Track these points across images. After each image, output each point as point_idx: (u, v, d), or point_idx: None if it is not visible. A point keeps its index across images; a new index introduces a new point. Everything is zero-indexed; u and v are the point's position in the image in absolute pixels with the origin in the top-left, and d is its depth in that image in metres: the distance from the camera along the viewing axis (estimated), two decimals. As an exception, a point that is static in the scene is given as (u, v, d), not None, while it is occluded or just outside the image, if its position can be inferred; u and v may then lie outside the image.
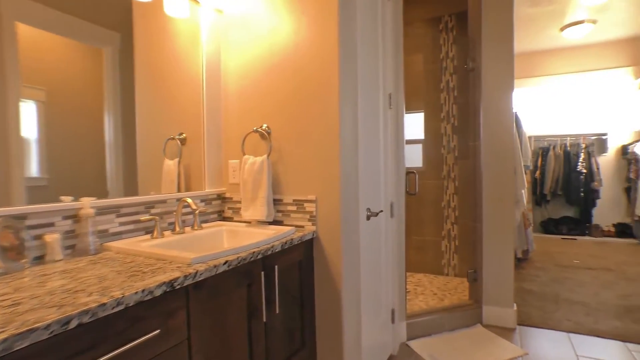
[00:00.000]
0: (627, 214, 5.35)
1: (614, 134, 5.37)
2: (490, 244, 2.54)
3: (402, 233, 2.25)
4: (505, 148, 2.51)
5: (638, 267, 3.94)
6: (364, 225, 1.77)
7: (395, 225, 2.18)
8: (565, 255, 4.45)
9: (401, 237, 2.24)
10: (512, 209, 2.52)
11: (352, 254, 1.63)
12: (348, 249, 1.59)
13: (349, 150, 1.61)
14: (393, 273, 2.19)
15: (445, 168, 3.51)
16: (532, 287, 3.32)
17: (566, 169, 5.37)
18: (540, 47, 5.48)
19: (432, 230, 3.63)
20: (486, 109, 2.54)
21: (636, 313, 2.75)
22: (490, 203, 2.52)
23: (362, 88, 1.74)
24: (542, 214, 5.76)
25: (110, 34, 1.42)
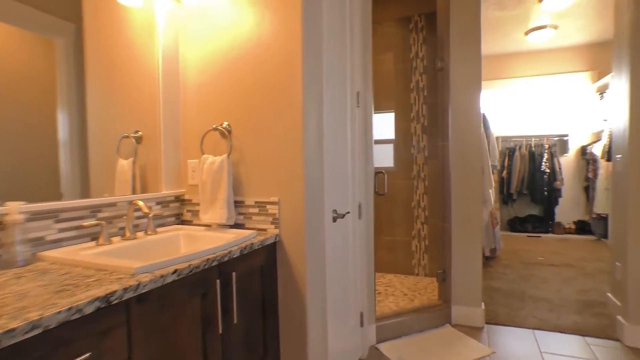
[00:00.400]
0: (586, 212, 5.57)
1: (574, 135, 5.57)
2: (459, 244, 2.55)
3: (371, 234, 2.21)
4: (473, 148, 2.52)
5: (596, 262, 4.09)
6: (330, 227, 1.71)
7: (363, 227, 2.13)
8: (531, 253, 4.57)
9: (370, 238, 2.20)
10: (479, 208, 2.54)
11: (317, 258, 1.56)
12: (312, 253, 1.52)
13: (313, 150, 1.54)
14: (362, 275, 2.14)
15: (415, 168, 3.52)
16: (500, 285, 3.37)
17: (531, 169, 5.53)
18: (506, 50, 5.62)
19: (403, 230, 3.62)
20: (454, 108, 2.54)
21: (594, 307, 2.84)
22: (459, 203, 2.53)
23: (328, 85, 1.68)
24: (509, 213, 5.91)
25: (64, 24, 1.30)
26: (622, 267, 2.56)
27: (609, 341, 2.38)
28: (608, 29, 4.88)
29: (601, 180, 4.95)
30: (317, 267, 1.57)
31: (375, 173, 2.31)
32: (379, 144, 3.80)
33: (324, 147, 1.61)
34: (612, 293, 2.75)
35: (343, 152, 1.90)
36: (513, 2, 3.98)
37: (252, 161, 1.57)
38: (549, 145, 5.50)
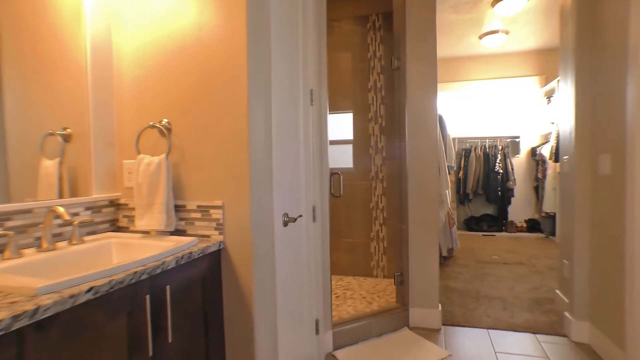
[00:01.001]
0: (536, 211, 5.82)
1: (525, 136, 5.81)
2: (416, 246, 2.53)
3: (327, 238, 2.13)
4: (429, 148, 2.51)
5: (545, 260, 4.27)
6: (281, 232, 1.61)
7: (318, 230, 2.05)
8: (486, 252, 4.70)
9: (325, 242, 2.13)
10: (436, 209, 2.53)
11: (265, 265, 1.46)
12: (261, 260, 1.42)
13: (260, 150, 1.44)
14: (317, 281, 2.06)
15: (373, 169, 3.49)
16: (456, 285, 3.41)
17: (486, 170, 5.71)
18: (462, 53, 5.77)
19: (362, 231, 3.59)
20: (411, 108, 2.52)
21: (544, 304, 2.93)
22: (416, 204, 2.51)
23: (277, 82, 1.58)
24: (465, 212, 6.07)
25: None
26: (569, 265, 2.65)
27: (557, 337, 2.45)
28: (554, 36, 5.13)
29: (549, 181, 5.19)
30: (266, 274, 1.47)
31: (330, 174, 2.24)
32: (337, 145, 3.75)
33: (273, 147, 1.51)
34: (560, 290, 2.84)
35: (295, 152, 1.81)
36: (467, 6, 4.07)
37: (194, 162, 1.44)
38: (502, 146, 5.70)
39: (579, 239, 2.38)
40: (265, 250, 1.46)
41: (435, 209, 2.54)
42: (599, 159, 2.20)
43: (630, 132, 1.87)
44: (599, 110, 2.24)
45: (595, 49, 2.27)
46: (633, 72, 1.85)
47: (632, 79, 1.85)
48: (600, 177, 2.21)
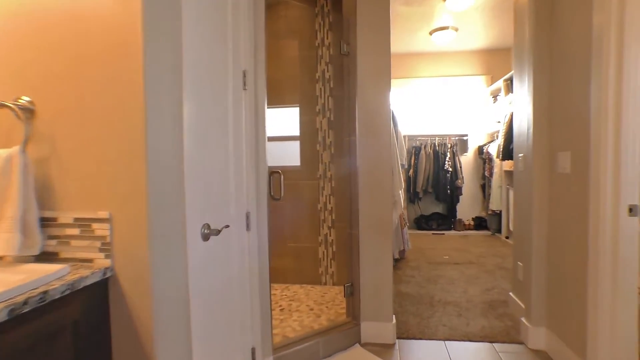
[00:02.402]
0: (482, 209, 5.88)
1: (472, 135, 5.84)
2: (368, 253, 2.27)
3: (265, 248, 1.79)
4: (383, 145, 2.26)
5: (494, 258, 4.24)
6: (200, 248, 1.25)
7: (254, 240, 1.70)
8: (436, 251, 4.60)
9: (263, 254, 1.78)
10: (389, 212, 2.29)
11: (173, 294, 1.09)
12: (165, 289, 1.05)
13: (166, 143, 1.07)
14: (254, 300, 1.71)
15: (321, 167, 3.20)
16: (409, 290, 3.22)
17: (435, 168, 5.65)
18: (412, 49, 5.66)
19: (309, 235, 3.28)
20: (362, 100, 2.25)
21: (498, 308, 2.81)
22: (367, 206, 2.24)
23: (191, 57, 1.22)
24: (415, 211, 6.00)
25: None
26: (524, 268, 2.52)
27: (514, 345, 2.30)
28: (500, 36, 5.16)
29: (496, 179, 5.22)
30: (175, 307, 1.10)
31: (270, 173, 1.90)
32: (283, 141, 3.42)
33: (185, 141, 1.15)
34: (514, 293, 2.73)
35: (222, 147, 1.45)
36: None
37: (70, 159, 1.03)
38: (451, 144, 5.68)
39: (537, 241, 2.24)
40: (173, 275, 1.09)
41: (389, 211, 2.29)
42: (558, 157, 2.07)
43: (595, 131, 1.72)
44: (557, 108, 2.10)
45: (552, 47, 2.14)
46: (596, 70, 1.70)
47: (595, 77, 1.71)
48: (559, 176, 2.08)
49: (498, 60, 5.69)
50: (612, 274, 1.70)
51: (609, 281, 1.70)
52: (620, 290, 1.69)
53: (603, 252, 1.70)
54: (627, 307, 1.70)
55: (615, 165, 1.66)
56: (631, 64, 1.62)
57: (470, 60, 5.80)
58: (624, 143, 1.65)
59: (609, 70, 1.65)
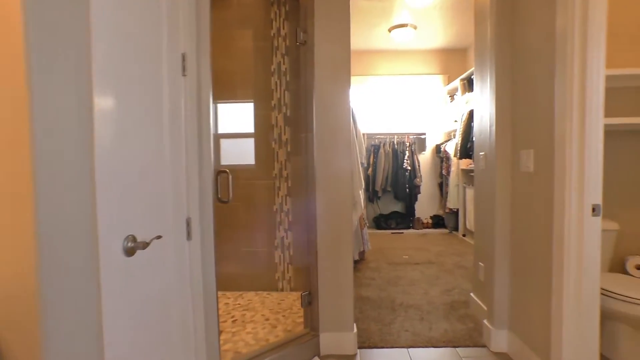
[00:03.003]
0: (440, 207, 5.93)
1: (430, 134, 5.87)
2: (327, 260, 2.10)
3: (211, 259, 1.56)
4: (342, 142, 2.10)
5: (453, 257, 4.24)
6: (122, 265, 1.01)
7: (196, 250, 1.47)
8: (396, 251, 4.54)
9: (209, 265, 1.55)
10: (349, 214, 2.13)
11: (78, 337, 0.85)
12: (65, 330, 0.81)
13: (63, 143, 0.82)
14: (197, 318, 1.48)
15: (277, 165, 2.99)
16: (369, 294, 3.10)
17: (394, 166, 5.62)
18: (371, 46, 5.58)
19: (264, 239, 3.07)
20: (319, 94, 2.07)
21: (459, 309, 2.75)
22: (326, 208, 2.07)
23: (106, 33, 0.98)
24: (374, 210, 5.94)
25: None
26: (485, 268, 2.47)
27: (477, 349, 2.24)
28: (457, 36, 5.20)
29: (453, 177, 5.27)
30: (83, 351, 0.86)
31: (217, 173, 1.67)
32: (238, 138, 3.18)
33: (95, 140, 0.91)
34: (476, 294, 2.68)
35: (152, 145, 1.22)
36: (378, -9, 3.81)
37: None
38: (409, 143, 5.66)
39: (499, 241, 2.18)
40: (77, 308, 0.85)
41: (349, 213, 2.13)
42: (521, 155, 2.01)
43: (559, 129, 1.66)
44: (520, 107, 2.05)
45: (514, 45, 2.09)
46: (561, 69, 1.64)
47: (560, 76, 1.65)
48: (522, 175, 2.02)
49: (455, 60, 5.76)
50: (576, 275, 1.64)
51: (573, 282, 1.65)
52: (584, 291, 1.64)
53: (568, 253, 1.64)
54: (591, 309, 1.66)
55: (579, 164, 1.61)
56: (594, 64, 1.57)
57: (428, 59, 5.82)
58: (587, 142, 1.59)
59: (573, 69, 1.59)
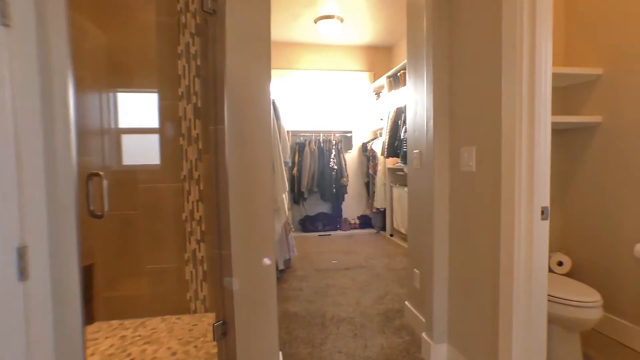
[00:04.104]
0: (367, 207, 5.84)
1: (357, 132, 5.74)
2: (244, 279, 1.71)
3: (75, 304, 1.09)
4: (261, 137, 1.72)
5: (382, 259, 4.10)
6: None
7: (42, 293, 0.99)
8: (324, 255, 4.29)
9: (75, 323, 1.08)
10: (271, 222, 1.77)
11: None
12: None
13: None
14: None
15: (186, 165, 2.52)
16: (297, 309, 2.77)
17: (320, 166, 5.37)
18: (296, 38, 5.27)
19: (173, 253, 2.57)
20: (233, 75, 1.68)
21: (394, 320, 2.55)
22: (241, 217, 1.68)
23: None
24: (300, 212, 5.64)
25: None
26: (421, 275, 2.29)
27: (416, 366, 2.03)
28: (383, 33, 5.12)
29: (380, 176, 5.18)
30: None
31: (87, 177, 1.20)
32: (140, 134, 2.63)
33: None
34: (411, 302, 2.50)
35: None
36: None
37: None
38: (335, 141, 5.46)
39: (438, 247, 1.99)
40: None
41: (270, 221, 1.77)
42: (461, 153, 1.83)
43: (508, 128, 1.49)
44: (459, 103, 1.87)
45: (453, 38, 1.91)
46: (509, 64, 1.47)
47: (508, 71, 1.48)
48: (462, 174, 1.84)
49: (380, 57, 5.70)
50: (526, 282, 1.49)
51: (523, 290, 1.49)
52: (534, 298, 1.49)
53: (518, 259, 1.48)
54: (540, 316, 1.52)
55: (528, 165, 1.45)
56: (543, 60, 1.42)
57: (354, 55, 5.68)
58: (537, 141, 1.44)
59: (522, 65, 1.42)
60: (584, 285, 2.02)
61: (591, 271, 2.41)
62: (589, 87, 2.37)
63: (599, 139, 2.34)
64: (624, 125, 2.19)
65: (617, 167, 2.23)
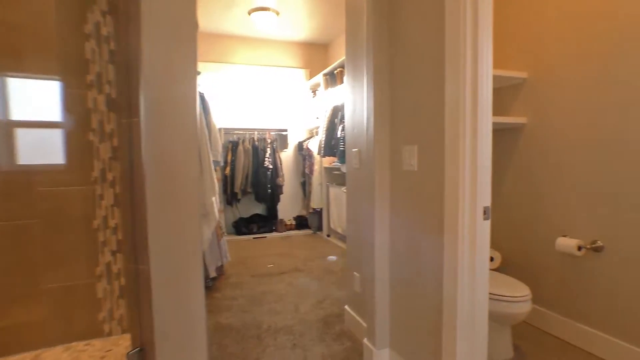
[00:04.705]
0: (303, 207, 5.73)
1: (292, 130, 5.60)
2: (166, 297, 1.48)
3: None
4: (185, 133, 1.51)
5: (319, 261, 4.01)
6: None
7: None
8: (260, 259, 4.08)
9: None
10: (197, 230, 1.55)
11: None
12: None
13: None
14: None
15: (97, 165, 2.17)
16: (231, 320, 2.55)
17: (255, 165, 5.14)
18: (229, 30, 4.98)
19: (82, 267, 2.20)
20: (151, 58, 1.44)
21: (334, 325, 2.45)
22: (162, 224, 1.45)
23: None
24: (233, 214, 5.36)
25: None
26: (362, 279, 2.22)
27: (357, 374, 1.94)
28: (319, 30, 5.03)
29: (316, 176, 5.09)
30: None
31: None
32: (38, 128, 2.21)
33: None
34: (351, 306, 2.42)
35: None
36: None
37: None
38: (270, 140, 5.27)
39: (379, 249, 1.92)
40: None
41: (196, 228, 1.56)
42: (403, 152, 1.77)
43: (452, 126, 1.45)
44: (401, 100, 1.81)
45: (393, 34, 1.84)
46: (453, 62, 1.43)
47: (450, 69, 1.44)
48: (403, 174, 1.79)
49: (317, 54, 5.62)
50: (470, 283, 1.46)
51: (467, 290, 1.46)
52: (477, 298, 1.47)
53: (462, 260, 1.44)
54: (483, 315, 1.50)
55: (472, 164, 1.42)
56: (484, 60, 1.40)
57: (290, 51, 5.52)
58: (480, 140, 1.42)
59: (466, 64, 1.39)
60: (514, 280, 2.08)
61: (518, 265, 2.53)
62: (516, 89, 2.48)
63: (524, 139, 2.45)
64: (545, 126, 2.32)
65: (540, 166, 2.35)
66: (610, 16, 1.96)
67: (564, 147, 2.21)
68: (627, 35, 1.88)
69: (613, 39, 1.95)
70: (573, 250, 2.08)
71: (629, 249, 1.92)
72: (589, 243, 2.08)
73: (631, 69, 1.87)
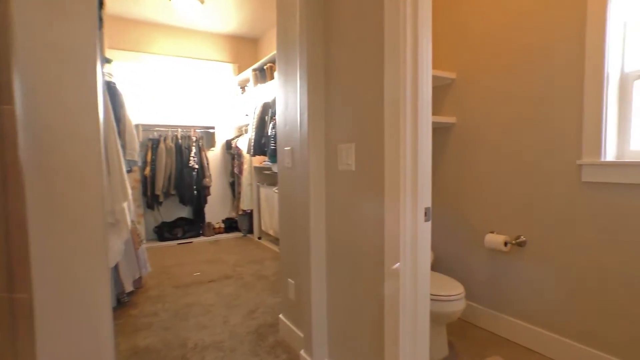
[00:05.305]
0: (232, 209, 5.44)
1: (220, 128, 5.28)
2: (59, 334, 1.19)
3: None
4: (85, 126, 1.23)
5: (251, 265, 3.80)
6: None
7: None
8: (185, 268, 3.75)
9: None
10: (103, 245, 1.29)
11: None
12: None
13: None
14: None
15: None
16: (150, 341, 2.25)
17: (178, 165, 4.74)
18: (148, 17, 4.52)
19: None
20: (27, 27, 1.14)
21: (268, 337, 2.28)
22: (50, 243, 1.16)
23: None
24: (155, 219, 4.90)
25: None
26: (297, 286, 2.08)
27: (294, 390, 1.80)
28: (247, 23, 4.79)
29: (246, 176, 4.85)
30: None
31: None
32: None
33: None
34: (286, 315, 2.27)
35: None
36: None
37: None
38: (196, 137, 4.90)
39: (316, 255, 1.80)
40: None
41: (101, 243, 1.29)
42: (339, 151, 1.66)
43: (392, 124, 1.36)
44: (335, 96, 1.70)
45: (329, 28, 1.72)
46: (391, 60, 1.34)
47: (389, 68, 1.35)
48: (340, 174, 1.68)
49: (246, 49, 5.35)
50: (412, 286, 1.39)
51: (409, 293, 1.39)
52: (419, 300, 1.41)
53: (404, 262, 1.36)
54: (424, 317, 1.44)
55: (413, 164, 1.34)
56: (424, 58, 1.34)
57: (217, 44, 5.19)
58: (420, 140, 1.34)
59: (406, 63, 1.31)
60: (449, 278, 2.09)
61: (450, 262, 2.58)
62: (446, 89, 2.52)
63: (454, 138, 2.50)
64: (470, 127, 2.38)
65: (469, 165, 2.41)
66: (524, 32, 2.05)
67: (488, 148, 2.29)
68: (537, 51, 1.98)
69: (523, 54, 2.04)
70: (500, 245, 2.16)
71: (547, 243, 2.02)
72: (514, 239, 2.16)
73: (537, 82, 1.97)
